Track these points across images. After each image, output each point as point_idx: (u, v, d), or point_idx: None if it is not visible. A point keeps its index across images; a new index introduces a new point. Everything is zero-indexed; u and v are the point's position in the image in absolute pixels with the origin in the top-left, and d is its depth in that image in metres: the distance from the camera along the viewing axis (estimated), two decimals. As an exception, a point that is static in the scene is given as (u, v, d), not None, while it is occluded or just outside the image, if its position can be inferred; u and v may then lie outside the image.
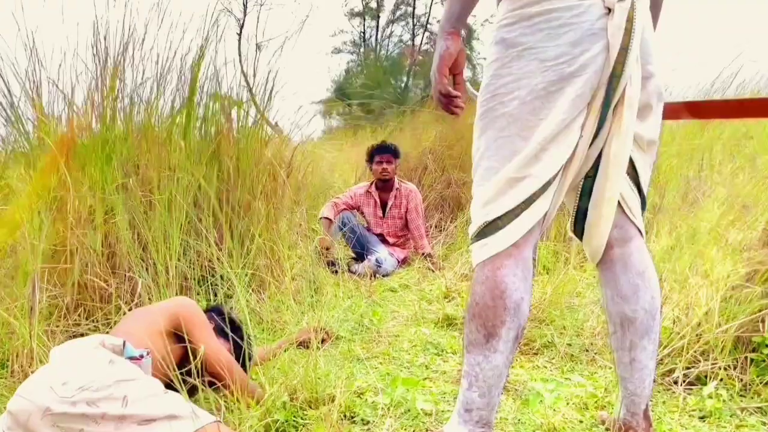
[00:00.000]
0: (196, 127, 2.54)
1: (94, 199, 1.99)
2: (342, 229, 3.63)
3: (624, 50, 1.13)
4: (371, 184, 3.85)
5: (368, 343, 2.18)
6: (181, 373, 1.46)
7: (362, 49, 18.97)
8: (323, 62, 19.97)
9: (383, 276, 3.42)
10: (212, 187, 2.49)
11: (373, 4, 18.59)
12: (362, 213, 3.85)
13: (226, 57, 2.78)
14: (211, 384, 1.55)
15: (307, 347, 2.02)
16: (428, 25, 18.63)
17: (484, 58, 1.28)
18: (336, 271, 3.23)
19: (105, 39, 2.29)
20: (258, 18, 17.40)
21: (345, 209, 3.75)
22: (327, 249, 3.39)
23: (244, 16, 17.01)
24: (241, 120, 2.68)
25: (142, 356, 1.23)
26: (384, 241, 3.77)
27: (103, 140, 2.15)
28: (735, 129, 3.87)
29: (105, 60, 2.27)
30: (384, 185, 3.78)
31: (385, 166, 3.72)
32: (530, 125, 1.14)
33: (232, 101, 2.67)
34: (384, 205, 3.81)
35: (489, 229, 1.18)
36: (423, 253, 3.69)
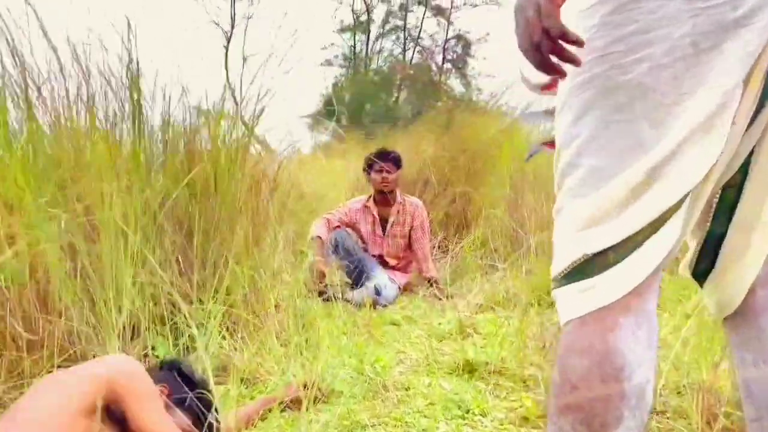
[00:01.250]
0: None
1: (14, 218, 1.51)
2: (336, 250, 3.17)
3: None
4: (369, 197, 3.39)
5: (372, 400, 1.72)
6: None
7: (352, 63, 18.65)
8: (313, 75, 19.59)
9: (382, 306, 2.96)
10: (180, 202, 2.04)
11: (363, 18, 18.33)
12: (358, 231, 3.38)
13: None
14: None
15: (297, 407, 1.57)
16: (419, 40, 18.42)
17: (479, 73, 0.83)
18: (327, 299, 2.78)
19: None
20: (246, 31, 17.14)
21: (339, 227, 3.29)
22: (322, 274, 2.92)
23: (232, 28, 16.71)
24: (221, 131, 2.24)
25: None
26: (383, 263, 3.31)
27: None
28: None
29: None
30: (384, 198, 3.31)
31: (385, 175, 3.25)
32: (667, 102, 0.70)
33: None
34: (384, 222, 3.34)
35: (593, 265, 0.74)
36: (427, 277, 3.24)
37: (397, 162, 3.30)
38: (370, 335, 2.47)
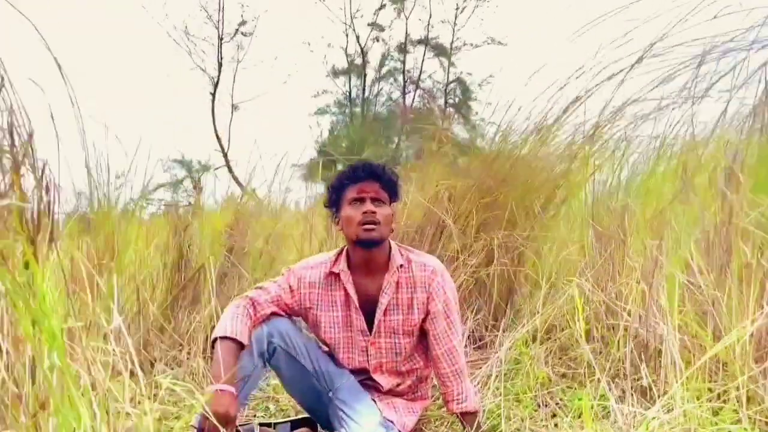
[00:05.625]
0: None
1: None
2: (268, 360, 1.58)
3: None
4: (338, 256, 1.71)
5: None
6: None
7: (348, 110, 17.53)
8: (305, 123, 18.49)
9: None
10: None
11: (358, 61, 17.32)
12: (317, 322, 1.70)
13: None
14: None
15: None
16: (420, 82, 17.30)
17: (482, 119, 0.06)
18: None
19: None
20: (234, 77, 16.18)
21: (276, 313, 1.67)
22: (228, 421, 1.32)
23: (219, 74, 15.73)
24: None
25: None
26: (370, 386, 1.68)
27: None
28: None
29: None
30: (370, 258, 1.64)
31: (370, 206, 1.61)
32: None
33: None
34: (370, 305, 1.66)
35: None
36: (459, 412, 1.63)
37: (390, 185, 1.68)
38: None
